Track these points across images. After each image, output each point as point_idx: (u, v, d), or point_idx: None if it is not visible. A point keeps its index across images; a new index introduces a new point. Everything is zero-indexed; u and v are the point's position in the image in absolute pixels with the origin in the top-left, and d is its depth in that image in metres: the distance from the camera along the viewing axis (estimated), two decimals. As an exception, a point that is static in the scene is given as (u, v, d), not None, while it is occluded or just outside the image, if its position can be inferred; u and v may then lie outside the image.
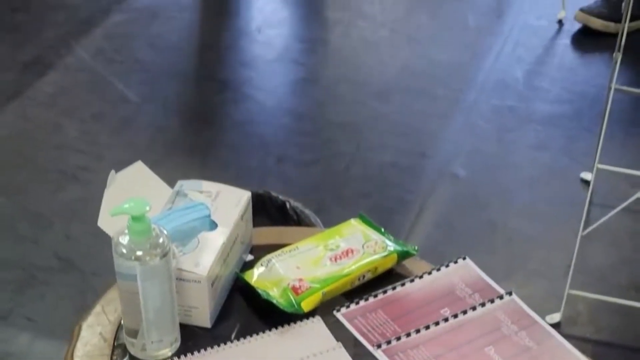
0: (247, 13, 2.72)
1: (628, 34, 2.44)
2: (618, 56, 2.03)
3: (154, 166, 2.21)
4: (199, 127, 2.30)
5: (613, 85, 2.04)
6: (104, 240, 1.05)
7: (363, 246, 1.13)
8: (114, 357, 1.01)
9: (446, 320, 1.05)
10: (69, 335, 1.05)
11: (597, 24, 2.60)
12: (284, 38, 2.63)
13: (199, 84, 2.44)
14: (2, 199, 2.06)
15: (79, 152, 2.20)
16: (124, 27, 2.62)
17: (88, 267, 1.87)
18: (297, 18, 2.73)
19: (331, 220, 1.39)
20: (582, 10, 2.62)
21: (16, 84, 2.41)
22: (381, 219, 1.96)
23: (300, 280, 1.07)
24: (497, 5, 2.76)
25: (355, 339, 1.04)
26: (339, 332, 1.04)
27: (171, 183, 1.16)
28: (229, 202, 1.11)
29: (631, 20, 2.50)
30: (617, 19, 2.51)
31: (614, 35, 2.23)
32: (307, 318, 1.05)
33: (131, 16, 2.67)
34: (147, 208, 0.95)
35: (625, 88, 2.24)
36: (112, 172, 1.12)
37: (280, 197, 1.69)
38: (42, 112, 2.32)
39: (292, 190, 2.07)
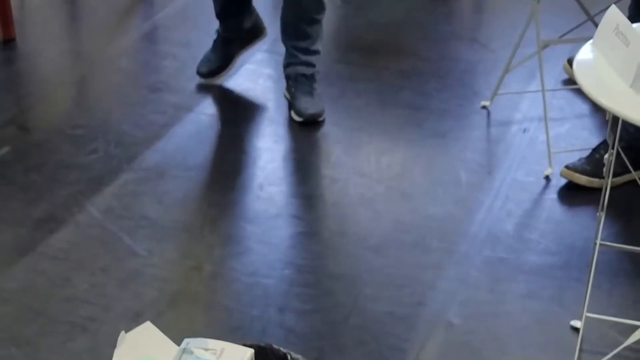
0: (249, 171, 2.84)
1: (613, 188, 2.59)
2: (601, 215, 2.15)
3: (159, 317, 2.31)
4: (203, 279, 2.39)
5: (598, 242, 2.16)
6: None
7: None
8: None
9: None
10: None
11: (582, 180, 2.72)
12: (284, 195, 2.74)
13: (204, 238, 2.54)
14: (12, 349, 2.13)
15: (88, 303, 2.29)
16: (133, 186, 2.74)
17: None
18: (297, 176, 2.85)
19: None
20: (567, 167, 2.74)
21: (28, 240, 2.51)
22: (378, 366, 2.04)
23: None
24: (487, 163, 2.88)
25: None
26: None
27: (176, 332, 1.23)
28: (233, 359, 1.17)
29: (615, 176, 2.66)
30: (601, 175, 2.64)
31: (599, 190, 2.36)
32: None
33: (140, 175, 2.79)
34: (156, 368, 1.01)
35: (609, 244, 2.35)
36: (122, 332, 1.19)
37: (282, 349, 1.75)
38: (53, 266, 2.42)
39: (292, 339, 2.15)
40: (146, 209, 2.64)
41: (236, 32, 3.20)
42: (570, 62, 3.30)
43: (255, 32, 3.27)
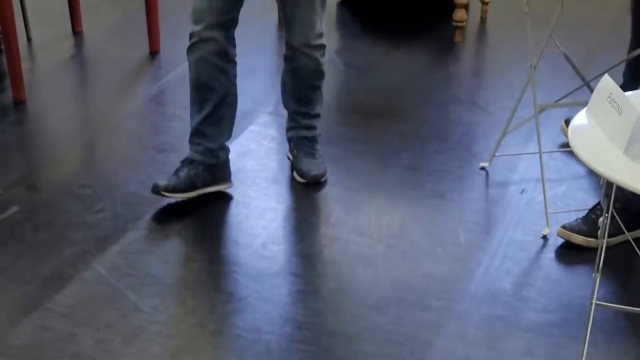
0: (253, 230, 2.88)
1: (610, 248, 2.64)
2: (597, 276, 2.21)
3: (164, 372, 2.32)
4: (207, 335, 2.43)
5: (594, 302, 2.21)
6: None
7: None
8: None
9: None
10: None
11: (579, 240, 2.77)
12: (286, 253, 2.79)
13: (207, 295, 2.59)
14: (19, 405, 2.17)
15: (93, 360, 2.33)
16: (138, 244, 2.80)
17: None
18: (299, 235, 2.90)
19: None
20: (564, 227, 2.80)
21: (35, 297, 2.56)
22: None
23: None
24: (486, 223, 2.93)
25: None
26: None
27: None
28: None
29: (611, 236, 2.71)
30: (597, 236, 2.69)
31: (595, 249, 2.41)
32: None
33: (145, 234, 2.85)
34: None
35: (605, 304, 2.40)
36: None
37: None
38: (59, 322, 2.46)
39: (293, 395, 2.18)
40: (151, 266, 2.69)
41: (209, 156, 2.97)
42: (567, 122, 3.37)
43: (225, 174, 3.04)
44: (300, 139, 3.16)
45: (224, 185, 3.04)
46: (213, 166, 2.99)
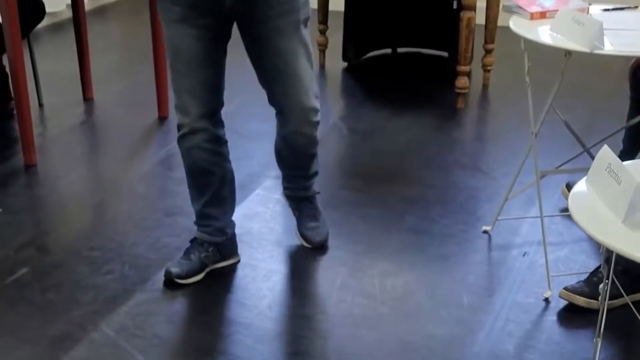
0: (258, 292, 2.92)
1: (611, 310, 2.67)
2: (598, 341, 2.23)
3: None
4: (212, 396, 2.46)
5: (596, 365, 2.24)
6: None
7: None
8: None
9: None
10: None
11: (581, 301, 2.80)
12: (291, 314, 2.82)
13: (213, 357, 2.60)
14: None
15: (100, 419, 2.35)
16: (146, 306, 2.83)
17: None
18: (304, 296, 2.93)
19: None
20: (566, 289, 2.83)
21: (44, 358, 2.58)
22: None
23: None
24: (489, 285, 2.96)
25: None
26: None
27: None
28: None
29: (612, 298, 2.74)
30: (599, 298, 2.72)
31: (597, 311, 2.44)
32: None
33: (153, 296, 2.89)
34: None
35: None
36: None
37: None
38: (67, 383, 2.50)
39: None
40: (158, 328, 2.72)
41: (218, 235, 3.00)
42: (568, 186, 3.43)
43: (233, 249, 3.07)
44: (299, 199, 3.20)
45: (233, 260, 3.07)
46: (222, 244, 3.01)
